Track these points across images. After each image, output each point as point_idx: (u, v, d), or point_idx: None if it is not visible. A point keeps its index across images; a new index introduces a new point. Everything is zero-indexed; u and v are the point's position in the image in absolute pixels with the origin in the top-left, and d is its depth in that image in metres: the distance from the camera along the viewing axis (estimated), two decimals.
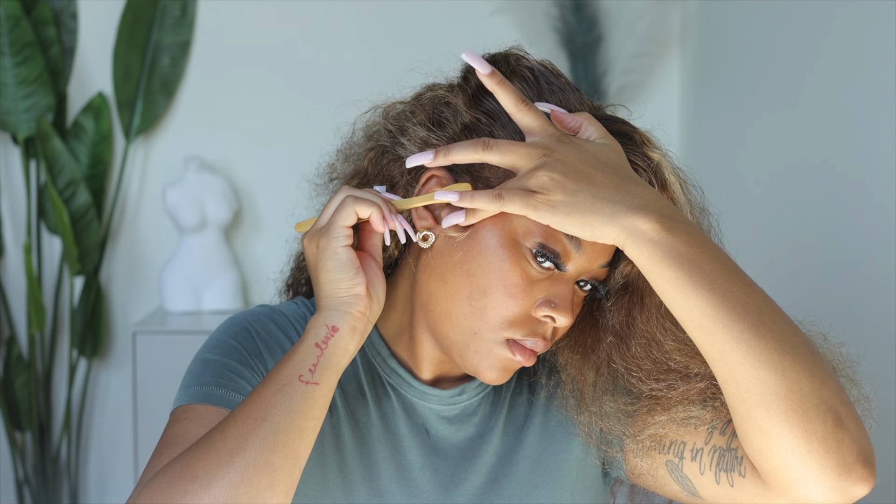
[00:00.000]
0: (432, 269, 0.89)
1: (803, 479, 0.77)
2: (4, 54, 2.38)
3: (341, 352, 0.84)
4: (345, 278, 0.84)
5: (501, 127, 0.87)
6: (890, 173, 1.41)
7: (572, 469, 0.97)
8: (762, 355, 0.77)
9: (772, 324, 0.78)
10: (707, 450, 0.88)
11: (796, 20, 1.80)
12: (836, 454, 0.76)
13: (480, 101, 0.89)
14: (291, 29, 2.57)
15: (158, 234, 2.60)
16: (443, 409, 0.97)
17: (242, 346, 0.93)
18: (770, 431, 0.77)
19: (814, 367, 0.78)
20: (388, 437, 0.95)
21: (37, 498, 2.49)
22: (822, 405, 0.77)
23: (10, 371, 2.47)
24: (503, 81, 0.84)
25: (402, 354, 0.97)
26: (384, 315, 0.97)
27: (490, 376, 0.89)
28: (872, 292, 1.47)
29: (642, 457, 0.93)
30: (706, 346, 0.79)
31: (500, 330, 0.86)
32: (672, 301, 0.79)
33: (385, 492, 0.93)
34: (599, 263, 0.87)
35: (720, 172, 2.27)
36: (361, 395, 0.96)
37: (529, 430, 0.98)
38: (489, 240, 0.86)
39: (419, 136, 0.89)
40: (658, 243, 0.78)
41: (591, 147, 0.83)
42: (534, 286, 0.86)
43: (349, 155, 1.00)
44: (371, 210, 0.84)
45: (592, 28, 2.47)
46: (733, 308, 0.77)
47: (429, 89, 0.94)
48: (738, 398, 0.78)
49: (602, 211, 0.79)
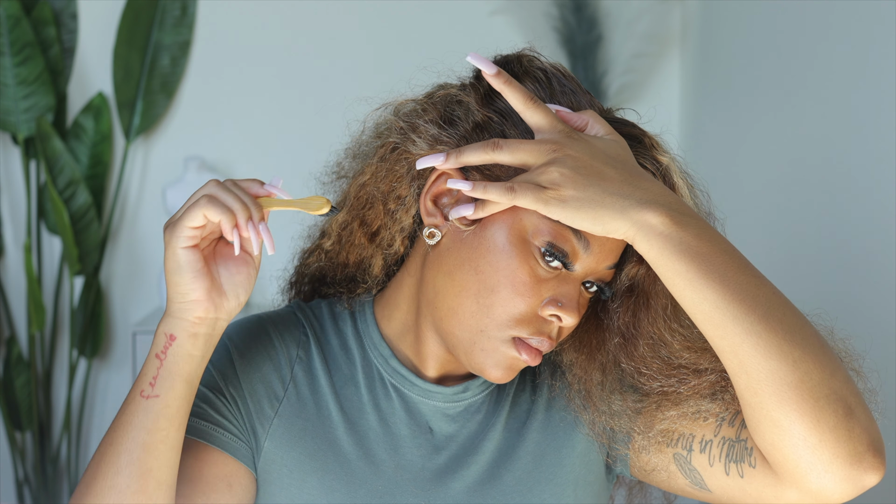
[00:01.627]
0: (439, 266, 0.89)
1: (815, 469, 0.78)
2: (4, 54, 2.38)
3: (184, 359, 0.83)
4: (181, 282, 0.82)
5: (513, 125, 0.87)
6: (890, 173, 1.41)
7: (575, 466, 0.97)
8: (772, 346, 0.77)
9: (781, 315, 0.78)
10: (716, 441, 0.88)
11: (796, 20, 1.80)
12: (847, 443, 0.77)
13: (492, 100, 0.89)
14: (291, 29, 2.57)
15: (158, 234, 2.60)
16: (447, 407, 0.97)
17: (215, 368, 0.94)
18: (781, 422, 0.78)
19: (823, 358, 0.78)
20: (388, 439, 0.95)
21: (37, 498, 2.49)
22: (833, 395, 0.77)
23: (10, 371, 2.47)
24: (510, 81, 0.84)
25: (406, 353, 0.97)
26: (388, 314, 0.97)
27: (495, 374, 0.89)
28: (873, 292, 1.47)
29: (650, 451, 0.93)
30: (717, 338, 0.79)
31: (507, 328, 0.87)
32: (682, 294, 0.80)
33: (384, 492, 0.93)
34: (606, 265, 0.87)
35: (720, 172, 2.27)
36: (358, 398, 0.96)
37: (531, 427, 0.98)
38: (498, 237, 0.86)
39: (430, 133, 0.89)
40: (668, 237, 0.79)
41: (599, 143, 0.83)
42: (541, 285, 0.86)
43: (357, 153, 0.99)
44: (223, 216, 0.81)
45: (592, 28, 2.47)
46: (743, 300, 0.78)
47: (440, 88, 0.94)
48: (749, 389, 0.79)
49: (612, 205, 0.80)
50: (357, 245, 0.97)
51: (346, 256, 0.98)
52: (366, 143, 0.98)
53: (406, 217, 0.93)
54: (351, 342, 0.98)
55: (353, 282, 1.00)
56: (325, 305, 1.01)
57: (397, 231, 0.94)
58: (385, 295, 0.99)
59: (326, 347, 0.98)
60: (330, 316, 1.00)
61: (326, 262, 1.01)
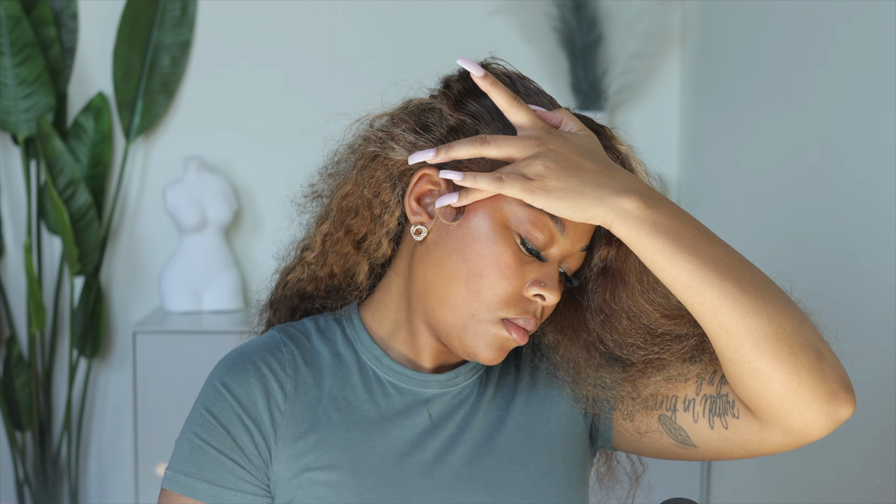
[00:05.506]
0: (428, 259, 0.96)
1: (796, 409, 0.88)
2: (4, 54, 2.38)
3: None
4: None
5: (486, 125, 0.95)
6: (890, 173, 1.41)
7: (563, 436, 1.04)
8: (748, 305, 0.86)
9: (750, 277, 0.88)
10: (699, 399, 0.98)
11: (796, 20, 1.80)
12: (822, 383, 0.87)
13: (464, 104, 0.97)
14: (291, 29, 2.57)
15: (158, 234, 2.60)
16: (442, 393, 1.02)
17: (220, 423, 0.97)
18: (763, 371, 0.87)
19: (792, 311, 0.88)
20: (389, 431, 0.99)
21: (37, 498, 2.49)
22: (805, 342, 0.87)
23: (10, 371, 2.47)
24: (496, 82, 0.92)
25: (401, 349, 1.02)
26: (378, 317, 1.03)
27: (487, 356, 0.95)
28: (872, 292, 1.48)
29: (634, 416, 1.02)
30: (696, 304, 0.88)
31: (496, 310, 0.93)
32: (661, 268, 0.88)
33: (391, 478, 0.97)
34: (580, 246, 0.95)
35: (720, 172, 2.27)
36: (356, 398, 1.00)
37: (517, 402, 1.04)
38: (482, 226, 0.93)
39: (408, 139, 0.96)
40: (643, 219, 0.87)
41: (576, 139, 0.92)
42: (524, 267, 0.93)
43: (334, 171, 1.05)
44: None
45: (592, 28, 2.47)
46: (716, 268, 0.87)
47: (410, 101, 1.01)
48: (730, 347, 0.88)
49: (592, 195, 0.87)
50: (343, 254, 1.02)
51: (332, 267, 1.04)
52: (343, 159, 1.04)
53: (391, 220, 0.99)
54: (342, 349, 1.03)
55: (338, 292, 1.06)
56: (310, 321, 1.06)
57: (384, 234, 1.00)
58: (373, 299, 1.04)
59: (316, 359, 1.02)
60: (316, 330, 1.04)
61: (309, 275, 1.06)
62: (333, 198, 1.02)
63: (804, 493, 1.70)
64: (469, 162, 0.93)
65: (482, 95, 0.96)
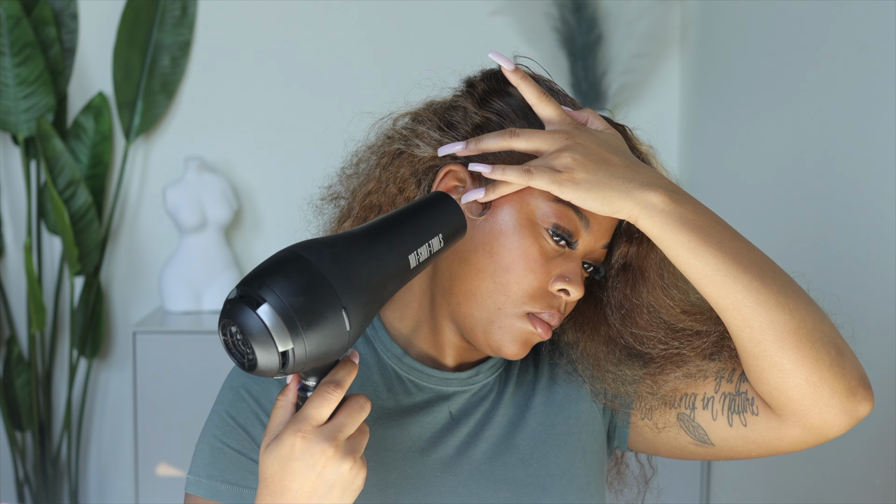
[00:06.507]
0: (454, 254, 0.95)
1: (817, 405, 0.89)
2: (4, 54, 2.38)
3: None
4: None
5: (511, 123, 0.96)
6: (890, 173, 1.41)
7: (582, 434, 1.04)
8: (770, 299, 0.87)
9: (773, 273, 0.89)
10: (717, 397, 0.98)
11: (796, 20, 1.80)
12: (842, 379, 0.88)
13: (488, 102, 0.97)
14: (291, 28, 2.57)
15: (158, 234, 2.60)
16: (463, 390, 1.02)
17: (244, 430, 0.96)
18: (785, 365, 0.88)
19: (812, 307, 0.89)
20: (411, 428, 0.99)
21: (37, 498, 2.49)
22: (825, 338, 0.88)
23: (11, 371, 2.47)
24: (526, 76, 0.94)
25: (423, 346, 1.01)
26: (399, 314, 1.02)
27: (512, 350, 0.95)
28: (872, 292, 1.48)
29: (653, 414, 1.02)
30: (720, 298, 0.88)
31: (522, 304, 0.94)
32: (686, 262, 0.88)
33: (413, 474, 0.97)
34: (602, 243, 0.96)
35: (720, 172, 2.27)
36: (377, 396, 0.99)
37: (536, 400, 1.05)
38: (508, 221, 0.93)
39: (433, 136, 0.97)
40: (669, 213, 0.88)
41: (602, 135, 0.93)
42: (550, 262, 0.93)
43: (356, 171, 1.05)
44: None
45: (592, 28, 2.47)
46: (740, 262, 0.88)
47: (432, 101, 1.01)
48: (752, 341, 0.89)
49: (619, 188, 0.88)
50: None
51: None
52: (363, 160, 1.04)
53: None
54: (361, 348, 1.02)
55: None
56: None
57: None
58: (393, 297, 1.02)
59: None
60: None
61: None
62: (355, 197, 1.02)
63: (804, 493, 1.70)
64: (495, 158, 0.94)
65: (506, 94, 0.97)
